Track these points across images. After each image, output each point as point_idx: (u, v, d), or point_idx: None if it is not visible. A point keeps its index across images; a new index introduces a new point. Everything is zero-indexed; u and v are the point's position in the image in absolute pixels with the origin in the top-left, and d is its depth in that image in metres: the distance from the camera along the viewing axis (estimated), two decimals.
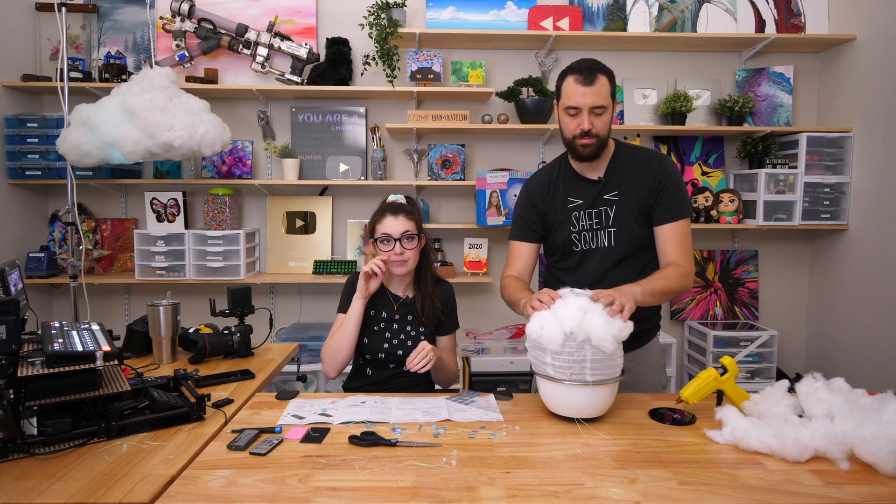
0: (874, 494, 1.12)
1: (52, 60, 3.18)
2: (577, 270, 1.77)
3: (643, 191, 1.71)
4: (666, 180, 1.71)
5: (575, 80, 1.64)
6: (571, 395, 1.43)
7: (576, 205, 1.75)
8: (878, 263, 2.83)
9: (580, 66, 1.65)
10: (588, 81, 1.62)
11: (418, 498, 1.10)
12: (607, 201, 1.73)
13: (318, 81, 3.09)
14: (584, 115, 1.64)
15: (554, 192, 1.80)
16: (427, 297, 1.88)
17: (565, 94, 1.67)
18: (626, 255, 1.73)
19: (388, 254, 1.81)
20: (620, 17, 3.18)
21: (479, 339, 3.23)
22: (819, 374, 1.44)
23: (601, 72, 1.65)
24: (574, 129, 1.66)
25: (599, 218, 1.73)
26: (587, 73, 1.63)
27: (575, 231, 1.75)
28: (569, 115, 1.67)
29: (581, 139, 1.66)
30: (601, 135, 1.66)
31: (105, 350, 1.32)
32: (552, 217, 1.79)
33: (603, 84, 1.63)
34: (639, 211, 1.71)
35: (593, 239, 1.74)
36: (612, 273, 1.72)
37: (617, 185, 1.73)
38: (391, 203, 1.88)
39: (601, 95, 1.63)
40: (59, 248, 3.24)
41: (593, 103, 1.63)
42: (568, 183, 1.79)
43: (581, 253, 1.76)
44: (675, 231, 1.70)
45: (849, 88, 3.07)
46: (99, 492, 1.10)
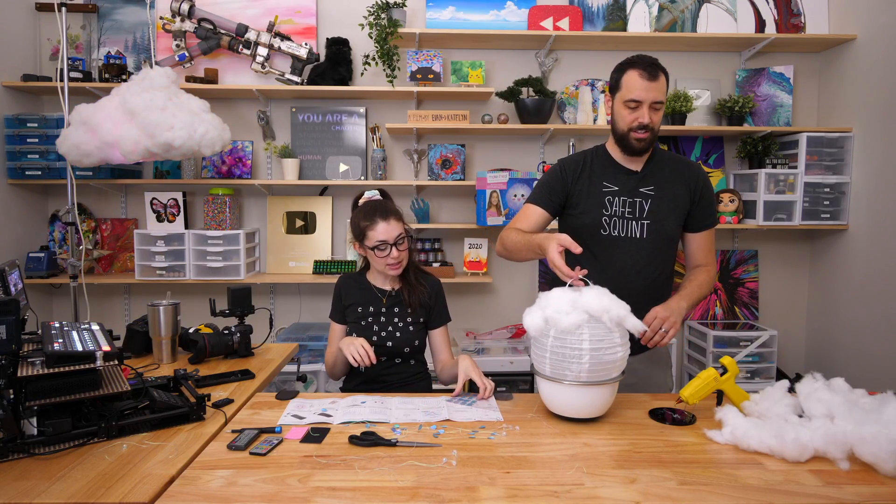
0: (874, 494, 1.12)
1: (52, 60, 3.18)
2: (600, 255, 1.76)
3: (682, 191, 1.77)
4: (706, 187, 1.80)
5: (639, 74, 1.68)
6: (571, 395, 1.43)
7: (611, 190, 1.77)
8: (878, 263, 2.83)
9: (643, 61, 1.70)
10: (652, 77, 1.67)
11: (418, 498, 1.10)
12: (643, 194, 1.76)
13: (318, 81, 3.09)
14: (644, 109, 1.68)
15: (589, 173, 1.81)
16: (413, 287, 1.91)
17: (627, 86, 1.70)
18: (653, 249, 1.76)
19: (385, 259, 1.83)
20: (620, 17, 3.18)
21: (479, 339, 3.23)
22: (819, 374, 1.44)
23: (661, 69, 1.71)
24: (632, 122, 1.70)
25: (634, 208, 1.75)
26: (651, 68, 1.68)
27: (607, 214, 1.76)
28: (628, 108, 1.70)
29: (637, 132, 1.70)
30: (656, 129, 1.71)
31: (105, 350, 1.32)
32: (578, 196, 1.80)
33: (663, 81, 1.70)
34: (675, 209, 1.76)
35: (624, 227, 1.75)
36: (635, 264, 1.74)
37: (654, 180, 1.77)
38: (377, 206, 1.87)
39: (662, 91, 1.69)
40: (59, 248, 3.24)
41: (655, 98, 1.68)
42: (605, 169, 1.81)
43: (608, 238, 1.76)
44: (709, 237, 1.83)
45: (849, 88, 3.07)
46: (99, 492, 1.10)
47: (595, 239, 1.76)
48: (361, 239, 1.86)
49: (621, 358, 1.44)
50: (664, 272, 1.79)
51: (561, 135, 3.27)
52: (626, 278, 1.70)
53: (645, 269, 1.75)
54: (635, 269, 1.74)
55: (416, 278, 1.95)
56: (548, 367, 1.44)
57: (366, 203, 1.91)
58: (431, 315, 1.94)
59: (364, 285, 1.94)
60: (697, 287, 1.74)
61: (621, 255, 1.75)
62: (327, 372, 1.93)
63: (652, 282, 1.76)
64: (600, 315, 1.40)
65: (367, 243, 1.84)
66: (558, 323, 1.40)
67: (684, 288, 1.74)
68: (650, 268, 1.76)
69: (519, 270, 3.38)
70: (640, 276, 1.74)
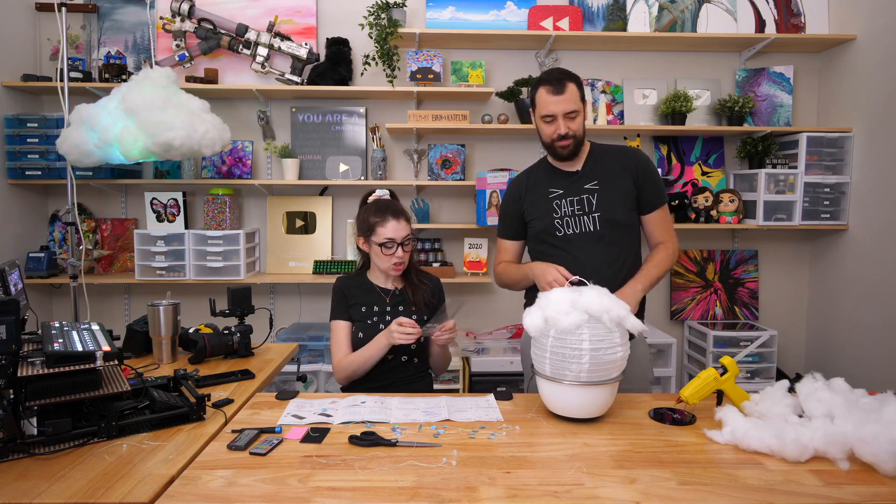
0: (874, 494, 1.12)
1: (52, 60, 3.18)
2: (561, 256, 1.84)
3: (626, 178, 1.86)
4: (648, 170, 1.89)
5: (546, 90, 1.79)
6: (571, 396, 1.43)
7: (556, 194, 1.88)
8: (878, 263, 2.83)
9: (549, 77, 1.81)
10: (557, 91, 1.78)
11: (418, 498, 1.10)
12: (588, 190, 1.86)
13: (318, 81, 3.09)
14: (559, 120, 1.79)
15: (534, 185, 1.93)
16: (417, 286, 1.95)
17: (539, 104, 1.82)
18: (610, 236, 1.83)
19: (391, 257, 1.86)
20: (620, 17, 3.18)
21: (479, 339, 3.23)
22: (819, 374, 1.45)
23: (569, 79, 1.80)
24: (552, 134, 1.82)
25: (582, 205, 1.85)
26: (557, 83, 1.78)
27: (557, 217, 1.86)
28: (545, 122, 1.82)
29: (559, 142, 1.82)
30: (577, 135, 1.82)
31: (105, 350, 1.32)
32: (532, 208, 1.91)
33: (572, 91, 1.79)
34: (622, 196, 1.85)
35: (577, 224, 1.84)
36: (595, 255, 1.82)
37: (595, 174, 1.87)
38: (389, 204, 1.91)
39: (572, 101, 1.79)
40: (59, 248, 3.24)
41: (565, 109, 1.78)
42: (548, 177, 1.92)
43: (564, 238, 1.85)
44: (661, 216, 1.91)
45: (849, 88, 3.07)
46: (99, 492, 1.10)
47: (553, 240, 1.86)
48: (369, 234, 1.87)
49: (621, 358, 1.44)
50: (629, 260, 1.86)
51: None
52: (593, 271, 1.74)
53: (607, 258, 1.82)
54: (598, 259, 1.81)
55: (418, 278, 1.97)
56: (548, 367, 1.44)
57: (377, 200, 1.95)
58: (434, 313, 1.94)
59: (366, 285, 1.95)
60: (655, 266, 1.83)
61: (582, 250, 1.83)
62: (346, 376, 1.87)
63: (618, 270, 1.83)
64: (600, 315, 1.40)
65: (374, 239, 1.86)
66: (558, 323, 1.41)
67: (641, 270, 1.83)
68: (612, 257, 1.83)
69: None
70: (605, 265, 1.81)
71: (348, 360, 1.85)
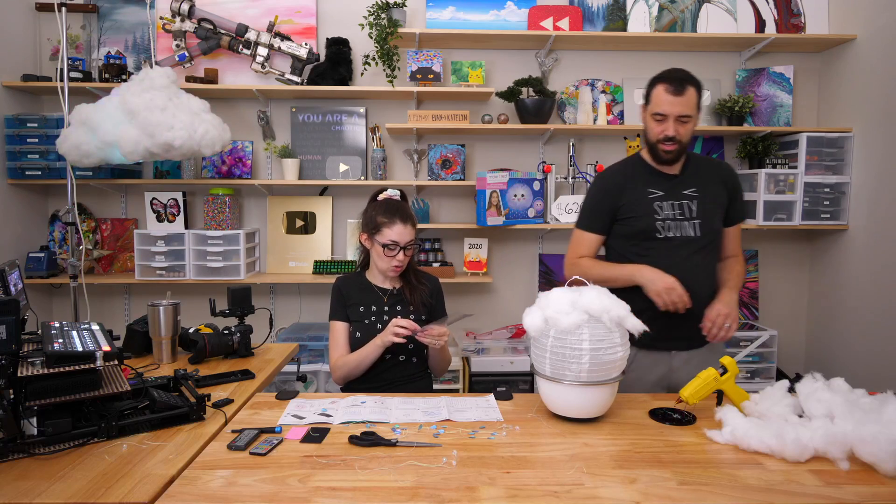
0: (874, 494, 1.12)
1: (52, 60, 3.18)
2: (659, 258, 1.83)
3: (720, 190, 1.89)
4: (738, 183, 1.94)
5: (665, 88, 1.76)
6: (571, 396, 1.43)
7: (657, 195, 1.86)
8: (878, 263, 2.83)
9: (671, 76, 1.77)
10: (677, 92, 1.74)
11: (418, 498, 1.10)
12: (687, 196, 1.86)
13: (318, 81, 3.09)
14: (669, 122, 1.76)
15: (633, 184, 1.90)
16: (415, 287, 1.95)
17: (654, 100, 1.79)
18: (706, 244, 1.86)
19: (391, 259, 1.86)
20: (620, 17, 3.18)
21: (479, 339, 3.23)
22: (819, 374, 1.45)
23: (690, 83, 1.76)
24: (659, 134, 1.79)
25: (682, 210, 1.85)
26: (677, 83, 1.75)
27: (660, 219, 1.85)
28: (655, 120, 1.80)
29: (664, 144, 1.79)
30: (684, 141, 1.80)
31: (105, 350, 1.32)
32: (631, 206, 1.88)
33: (691, 95, 1.76)
34: (718, 207, 1.88)
35: (678, 228, 1.85)
36: (693, 261, 1.84)
37: (695, 182, 1.87)
38: (399, 206, 1.90)
39: (688, 106, 1.76)
40: (59, 248, 3.24)
41: (680, 112, 1.75)
42: (646, 176, 1.90)
43: (664, 241, 1.84)
44: (739, 229, 1.98)
45: (849, 88, 3.07)
46: (99, 492, 1.10)
47: (652, 241, 1.85)
48: (374, 233, 1.88)
49: (621, 358, 1.44)
50: (715, 265, 1.92)
51: (561, 135, 3.27)
52: (690, 274, 1.79)
53: (702, 263, 1.85)
54: (695, 263, 1.83)
55: (417, 278, 1.97)
56: (548, 367, 1.44)
57: (388, 200, 1.94)
58: (432, 313, 1.96)
59: (364, 285, 1.95)
60: (737, 276, 1.91)
61: (681, 254, 1.83)
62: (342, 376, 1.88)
63: (709, 274, 1.88)
64: (600, 315, 1.40)
65: (378, 238, 1.86)
66: (558, 323, 1.41)
67: (729, 280, 1.88)
68: (706, 261, 1.87)
69: (519, 270, 3.39)
70: (700, 270, 1.84)
71: (344, 360, 1.86)
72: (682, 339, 1.85)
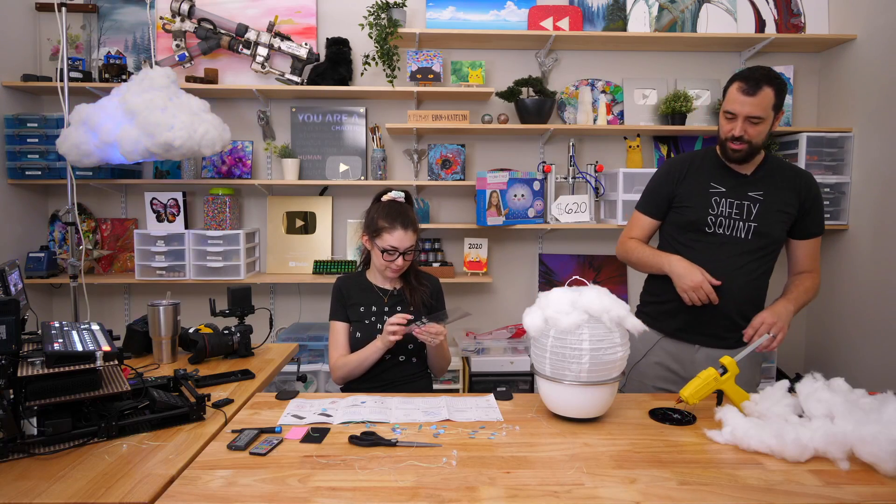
0: (874, 494, 1.12)
1: (52, 60, 3.18)
2: (703, 251, 1.82)
3: (792, 198, 1.81)
4: (817, 196, 1.84)
5: (739, 87, 1.71)
6: (571, 396, 1.43)
7: (718, 191, 1.83)
8: (878, 263, 2.83)
9: (749, 75, 1.71)
10: (750, 92, 1.69)
11: (418, 498, 1.10)
12: (752, 198, 1.81)
13: (318, 81, 3.09)
14: (738, 121, 1.72)
15: (696, 172, 1.87)
16: (415, 288, 1.94)
17: (728, 97, 1.75)
18: (756, 249, 1.81)
19: (390, 264, 1.86)
20: (620, 17, 3.18)
21: (479, 339, 3.23)
22: (819, 374, 1.45)
23: (768, 83, 1.69)
24: (728, 132, 1.75)
25: (741, 210, 1.80)
26: (752, 83, 1.69)
27: (713, 213, 1.81)
28: (726, 118, 1.76)
29: (732, 143, 1.75)
30: (753, 142, 1.74)
31: (105, 350, 1.32)
32: (687, 194, 1.86)
33: (766, 96, 1.69)
34: (783, 215, 1.81)
35: (730, 226, 1.81)
36: (736, 262, 1.80)
37: (764, 185, 1.81)
38: (402, 211, 1.88)
39: (760, 107, 1.69)
40: (59, 248, 3.24)
41: (750, 113, 1.70)
42: (713, 170, 1.86)
43: (712, 236, 1.82)
44: (815, 245, 1.88)
45: (849, 88, 3.07)
46: (99, 492, 1.10)
47: (699, 235, 1.83)
48: (374, 236, 1.87)
49: (621, 358, 1.44)
50: (765, 272, 1.85)
51: (561, 135, 3.27)
52: (729, 274, 1.77)
53: (747, 266, 1.80)
54: (737, 265, 1.79)
55: (417, 279, 1.97)
56: (548, 367, 1.44)
57: (392, 203, 1.92)
58: (433, 311, 1.95)
59: (365, 285, 1.95)
60: (804, 292, 1.83)
61: (725, 253, 1.80)
62: (341, 376, 1.88)
63: (753, 279, 1.82)
64: (600, 315, 1.40)
65: (378, 242, 1.86)
66: (558, 323, 1.41)
67: (791, 292, 1.82)
68: (752, 265, 1.81)
69: (519, 270, 3.39)
70: (742, 272, 1.80)
71: (343, 360, 1.87)
72: (710, 335, 1.83)
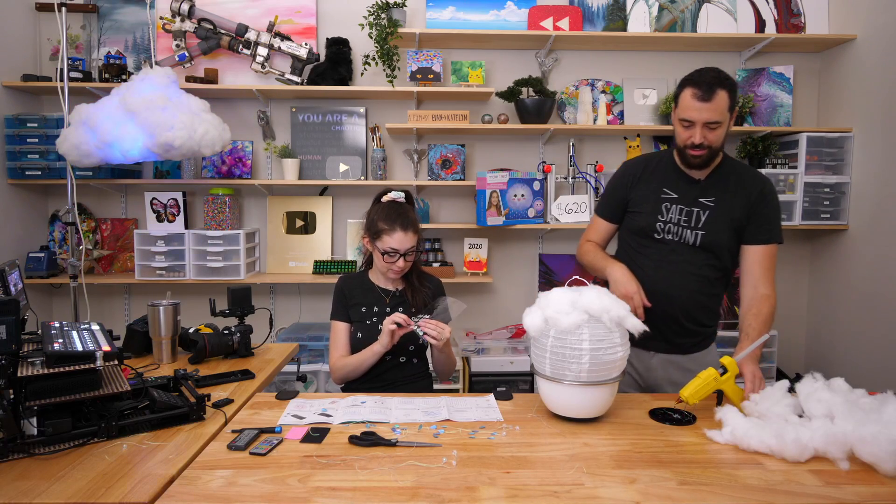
0: (874, 494, 1.12)
1: (52, 60, 3.18)
2: (653, 256, 1.80)
3: (742, 203, 1.75)
4: (768, 201, 1.76)
5: (692, 94, 1.65)
6: (571, 396, 1.43)
7: (670, 197, 1.79)
8: (878, 263, 2.83)
9: (700, 79, 1.65)
10: (706, 97, 1.63)
11: (418, 498, 1.10)
12: (702, 204, 1.76)
13: (318, 81, 3.09)
14: (697, 128, 1.66)
15: (648, 177, 1.84)
16: (417, 289, 1.93)
17: (681, 105, 1.69)
18: (705, 256, 1.77)
19: (391, 265, 1.85)
20: (620, 17, 3.18)
21: (479, 339, 3.23)
22: (819, 374, 1.45)
23: (721, 86, 1.63)
24: (686, 140, 1.70)
25: (689, 217, 1.77)
26: (706, 87, 1.63)
27: (662, 220, 1.79)
28: (682, 126, 1.70)
29: (692, 150, 1.70)
30: (713, 146, 1.69)
31: (105, 350, 1.32)
32: (639, 200, 1.84)
33: (721, 99, 1.63)
34: (732, 221, 1.75)
35: (678, 234, 1.78)
36: (685, 268, 1.77)
37: (716, 191, 1.77)
38: (401, 212, 1.86)
39: (717, 111, 1.64)
40: (59, 248, 3.24)
41: (708, 119, 1.64)
42: (667, 175, 1.82)
43: (661, 242, 1.79)
44: (767, 254, 1.77)
45: (849, 88, 3.07)
46: (99, 492, 1.10)
47: (649, 241, 1.81)
48: (374, 238, 1.86)
49: (621, 358, 1.44)
50: (718, 278, 1.81)
51: (561, 135, 3.27)
52: (679, 279, 1.75)
53: (697, 272, 1.77)
54: (687, 271, 1.77)
55: (419, 280, 1.96)
56: (548, 367, 1.44)
57: (391, 204, 1.90)
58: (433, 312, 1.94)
59: (367, 285, 1.95)
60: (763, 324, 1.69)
61: (674, 258, 1.78)
62: (341, 377, 1.88)
63: (703, 286, 1.79)
64: (600, 315, 1.40)
65: (378, 244, 1.85)
66: (558, 323, 1.41)
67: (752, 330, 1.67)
68: (703, 271, 1.78)
69: (519, 270, 3.39)
70: (693, 279, 1.77)
71: (343, 361, 1.86)
72: (662, 341, 1.79)
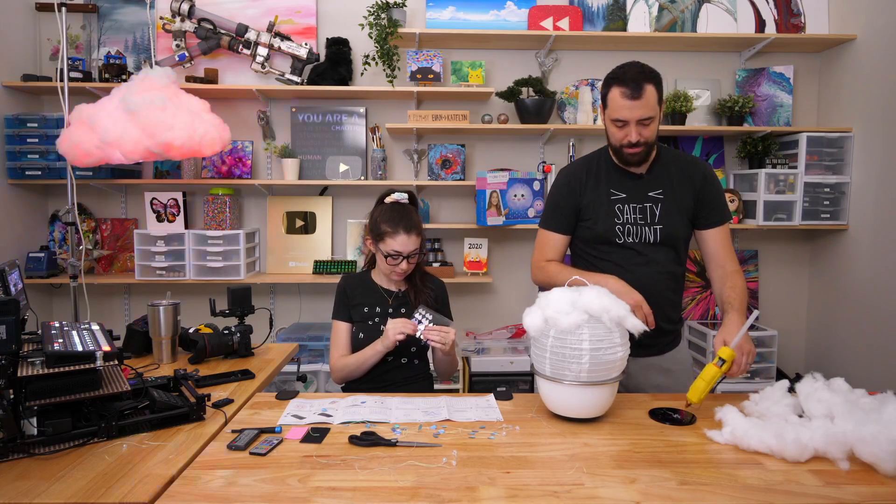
0: (874, 494, 1.12)
1: (52, 60, 3.18)
2: (620, 262, 1.76)
3: (687, 191, 1.75)
4: (712, 184, 1.77)
5: (621, 93, 1.61)
6: (571, 396, 1.43)
7: (619, 198, 1.76)
8: (878, 263, 2.83)
9: (626, 77, 1.61)
10: (635, 95, 1.60)
11: (418, 498, 1.10)
12: (652, 198, 1.75)
13: (318, 81, 3.09)
14: (631, 127, 1.63)
15: (595, 182, 1.79)
16: (420, 290, 1.92)
17: (611, 106, 1.65)
18: (667, 249, 1.76)
19: (394, 268, 1.84)
20: (620, 17, 3.18)
21: (479, 339, 3.23)
22: (819, 374, 1.45)
23: (648, 80, 1.61)
24: (621, 139, 1.67)
25: (645, 214, 1.74)
26: (633, 85, 1.59)
27: (619, 223, 1.75)
28: (616, 126, 1.66)
29: (629, 148, 1.67)
30: (649, 142, 1.67)
31: (105, 350, 1.32)
32: (591, 207, 1.78)
33: (650, 94, 1.61)
34: (683, 210, 1.75)
35: (638, 234, 1.75)
36: (651, 268, 1.75)
37: (661, 182, 1.75)
38: (405, 214, 1.85)
39: (648, 107, 1.61)
40: (59, 248, 3.24)
41: (641, 116, 1.62)
42: (610, 175, 1.78)
43: (624, 246, 1.76)
44: (724, 234, 1.78)
45: (849, 88, 3.07)
46: (99, 492, 1.10)
47: (610, 247, 1.77)
48: (377, 240, 1.86)
49: (621, 358, 1.44)
50: (682, 272, 1.83)
51: (561, 135, 3.27)
52: (647, 280, 1.71)
53: (663, 269, 1.76)
54: (654, 270, 1.75)
55: (422, 281, 1.95)
56: (548, 367, 1.44)
57: (395, 205, 1.88)
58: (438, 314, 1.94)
59: (370, 286, 1.94)
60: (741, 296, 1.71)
61: (639, 260, 1.75)
62: (341, 377, 1.88)
63: (670, 281, 1.79)
64: (600, 315, 1.40)
65: (381, 246, 1.84)
66: (558, 323, 1.41)
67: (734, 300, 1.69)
68: (668, 267, 1.77)
69: (519, 270, 3.38)
70: (660, 277, 1.76)
71: (344, 361, 1.86)
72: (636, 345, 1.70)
